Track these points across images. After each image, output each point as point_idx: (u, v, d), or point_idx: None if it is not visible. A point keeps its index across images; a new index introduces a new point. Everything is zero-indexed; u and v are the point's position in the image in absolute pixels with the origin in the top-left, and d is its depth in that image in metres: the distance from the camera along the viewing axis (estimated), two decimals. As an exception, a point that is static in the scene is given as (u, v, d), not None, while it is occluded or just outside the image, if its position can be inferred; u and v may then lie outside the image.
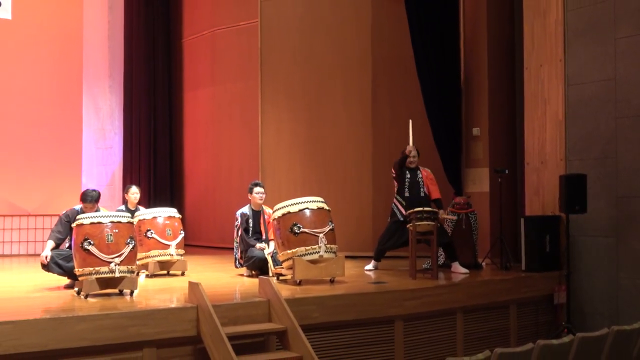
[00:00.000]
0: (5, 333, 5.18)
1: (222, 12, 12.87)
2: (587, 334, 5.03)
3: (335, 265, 7.40)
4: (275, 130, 11.00)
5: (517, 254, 8.48)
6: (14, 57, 12.74)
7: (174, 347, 5.78)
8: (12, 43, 12.71)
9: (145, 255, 8.25)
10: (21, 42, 12.78)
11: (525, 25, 8.76)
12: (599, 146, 7.98)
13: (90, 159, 13.03)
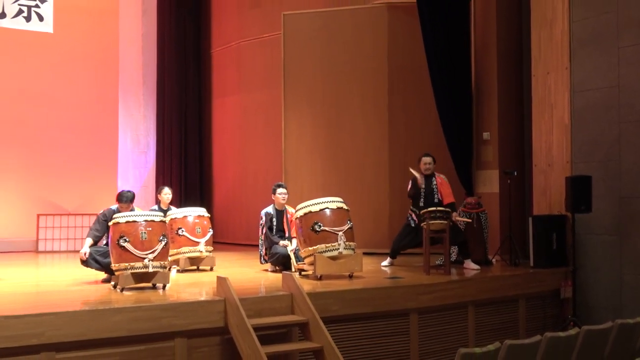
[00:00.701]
0: (48, 323, 5.23)
1: (247, 25, 12.90)
2: (592, 327, 4.99)
3: (353, 262, 7.39)
4: (297, 135, 11.00)
5: (525, 251, 8.43)
6: (56, 68, 12.87)
7: (203, 337, 5.80)
8: (53, 55, 12.84)
9: (177, 252, 8.28)
10: (62, 54, 12.90)
11: (533, 35, 8.71)
12: (603, 149, 7.91)
13: (125, 162, 13.11)
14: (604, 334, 5.04)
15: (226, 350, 5.84)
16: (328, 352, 5.74)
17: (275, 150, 11.55)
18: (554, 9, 8.40)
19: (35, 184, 12.54)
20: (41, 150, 12.63)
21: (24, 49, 12.61)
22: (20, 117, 12.54)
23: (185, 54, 13.77)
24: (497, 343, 4.44)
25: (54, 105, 12.81)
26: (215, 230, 9.86)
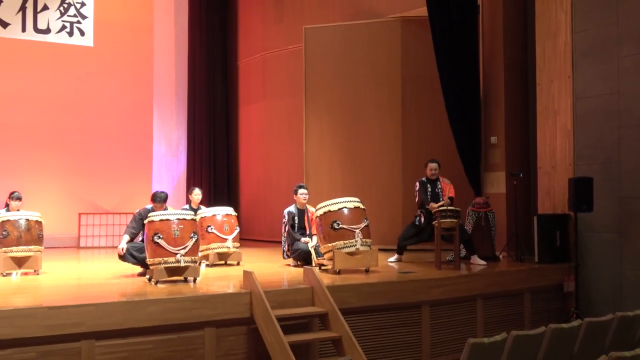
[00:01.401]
0: (89, 313, 5.28)
1: (271, 38, 12.94)
2: (594, 319, 4.94)
3: (369, 257, 7.38)
4: (317, 140, 11.01)
5: (530, 248, 8.36)
6: (96, 79, 12.98)
7: (230, 326, 5.82)
8: (93, 67, 12.96)
9: (206, 248, 8.32)
10: (101, 66, 13.01)
11: (537, 46, 8.65)
12: (604, 152, 7.84)
13: (159, 165, 13.20)
14: (605, 325, 4.99)
15: (251, 339, 5.86)
16: (346, 341, 5.73)
17: (296, 153, 11.57)
18: (557, 21, 8.36)
19: (78, 185, 12.67)
20: (83, 155, 12.75)
21: (67, 62, 12.75)
22: (63, 125, 12.67)
23: (213, 65, 13.84)
24: (504, 334, 4.41)
25: (94, 113, 12.93)
26: (242, 227, 9.88)
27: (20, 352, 5.03)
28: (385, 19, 10.61)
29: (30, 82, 12.40)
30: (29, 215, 7.80)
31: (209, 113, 13.72)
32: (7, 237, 7.55)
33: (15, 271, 7.58)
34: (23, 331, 5.03)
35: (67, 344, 5.17)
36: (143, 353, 5.44)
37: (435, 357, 6.67)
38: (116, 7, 13.11)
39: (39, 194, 11.66)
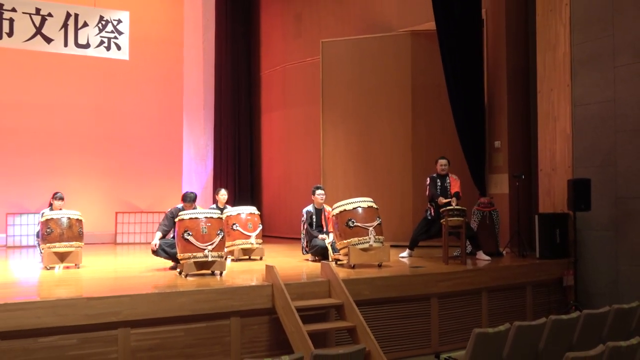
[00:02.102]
0: (125, 304, 5.32)
1: (291, 51, 12.97)
2: (591, 311, 4.89)
3: (382, 253, 7.36)
4: (334, 144, 11.01)
5: (532, 244, 8.30)
6: (131, 89, 13.09)
7: (254, 316, 5.84)
8: (129, 78, 13.07)
9: (232, 244, 8.34)
10: (136, 77, 13.12)
11: (538, 57, 8.59)
12: (601, 156, 7.77)
13: (188, 168, 13.27)
14: (602, 317, 4.94)
15: (273, 328, 5.87)
16: (360, 331, 5.72)
17: (314, 157, 11.58)
18: (556, 34, 8.30)
19: (115, 186, 12.78)
20: (119, 158, 12.87)
21: (105, 74, 12.87)
22: (102, 131, 12.79)
23: (238, 76, 13.89)
24: (507, 324, 4.38)
25: (130, 121, 13.04)
26: (264, 225, 9.91)
27: (62, 339, 5.09)
28: (396, 32, 10.59)
29: (72, 92, 12.55)
30: (71, 214, 7.87)
31: (234, 120, 13.77)
32: (51, 234, 7.63)
33: (58, 265, 7.64)
34: (65, 319, 5.09)
35: (105, 332, 5.23)
36: (174, 340, 5.48)
37: (443, 345, 6.63)
38: (150, 24, 13.21)
39: (79, 194, 11.78)
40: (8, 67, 12.07)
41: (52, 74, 12.41)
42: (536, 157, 8.73)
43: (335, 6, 11.98)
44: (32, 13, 12.09)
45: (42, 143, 12.23)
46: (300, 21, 12.78)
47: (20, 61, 12.15)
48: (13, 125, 12.04)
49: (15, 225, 11.81)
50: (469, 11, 8.86)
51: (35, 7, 12.11)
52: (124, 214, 12.73)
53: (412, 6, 10.38)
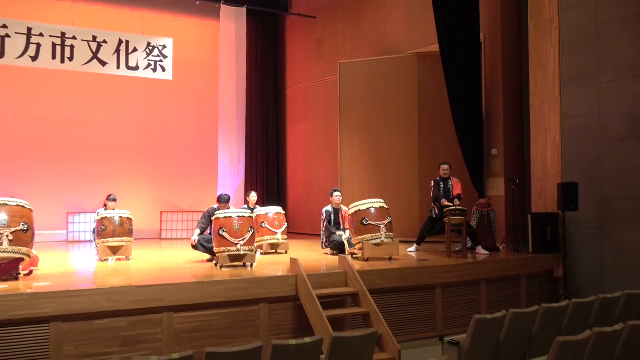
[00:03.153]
0: (169, 291, 5.37)
1: (312, 71, 13.00)
2: (579, 300, 4.84)
3: (392, 248, 7.34)
4: (350, 152, 11.01)
5: (525, 241, 8.20)
6: (174, 105, 13.20)
7: (280, 303, 5.85)
8: (172, 96, 13.18)
9: (261, 239, 8.35)
10: (178, 95, 13.24)
11: (531, 74, 8.51)
12: (587, 162, 7.66)
13: (223, 173, 13.34)
14: (589, 305, 4.86)
15: (296, 313, 5.87)
16: (373, 316, 5.71)
17: (332, 164, 11.59)
18: (547, 55, 8.22)
19: (160, 189, 12.87)
20: (164, 165, 12.97)
21: (152, 92, 12.99)
22: (149, 141, 12.90)
23: (266, 93, 13.96)
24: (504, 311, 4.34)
25: (172, 132, 13.15)
26: (289, 223, 9.93)
27: (115, 322, 5.14)
28: (405, 54, 10.56)
29: (123, 108, 12.68)
30: (122, 213, 7.95)
31: (263, 131, 13.83)
32: (105, 231, 7.71)
33: (111, 257, 7.72)
34: (117, 305, 5.14)
35: (151, 315, 5.27)
36: (211, 323, 5.51)
37: (447, 330, 6.57)
38: (190, 49, 13.33)
39: (129, 196, 11.89)
40: (70, 87, 12.24)
41: (107, 93, 12.56)
42: (529, 163, 8.64)
43: (351, 32, 12.00)
44: (89, 40, 12.29)
45: (98, 152, 12.37)
46: (321, 45, 12.81)
47: (80, 82, 12.32)
48: (74, 137, 12.20)
49: (75, 223, 11.93)
50: (469, 35, 8.81)
51: (93, 35, 12.31)
52: (168, 213, 12.82)
53: (419, 31, 10.34)
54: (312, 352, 3.65)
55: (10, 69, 11.68)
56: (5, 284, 5.39)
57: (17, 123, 11.75)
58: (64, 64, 12.04)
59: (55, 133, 12.04)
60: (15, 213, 5.79)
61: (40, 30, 11.84)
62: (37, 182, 11.50)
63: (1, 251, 5.60)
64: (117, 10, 12.64)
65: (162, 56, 12.99)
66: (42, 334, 4.88)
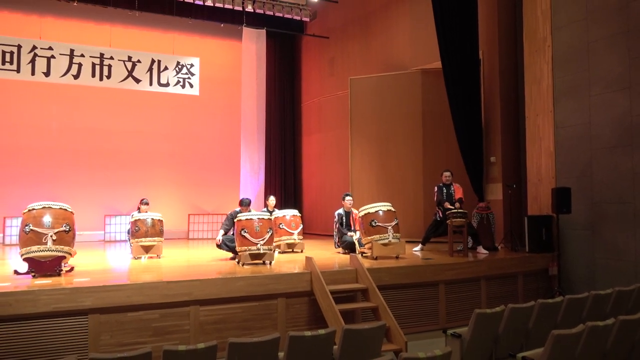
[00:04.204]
0: (196, 286, 5.38)
1: (325, 87, 13.02)
2: (573, 296, 4.76)
3: (399, 247, 7.29)
4: (360, 160, 10.98)
5: (522, 241, 8.10)
6: (200, 117, 13.30)
7: (296, 297, 5.84)
8: (199, 110, 13.28)
9: (279, 239, 8.36)
10: (204, 108, 13.33)
11: (526, 88, 8.43)
12: (579, 168, 7.56)
13: (245, 179, 13.39)
14: (582, 301, 4.79)
15: (311, 307, 5.85)
16: (381, 310, 5.67)
17: (344, 171, 11.57)
18: (541, 70, 8.14)
19: (188, 193, 12.95)
20: (191, 172, 13.05)
21: (180, 106, 13.10)
22: (178, 150, 13.00)
23: (284, 106, 14.00)
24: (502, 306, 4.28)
25: (199, 142, 13.24)
26: (304, 224, 9.92)
27: (147, 314, 5.17)
28: (410, 70, 10.53)
29: (154, 121, 12.80)
30: (154, 215, 7.99)
31: (280, 141, 13.87)
32: (138, 231, 7.76)
33: (144, 256, 7.76)
34: (149, 298, 5.16)
35: (180, 308, 5.29)
36: (234, 316, 5.51)
37: (449, 323, 6.51)
38: (215, 67, 13.42)
39: (160, 200, 11.99)
40: (108, 102, 12.39)
41: (140, 107, 12.69)
42: (525, 170, 8.54)
43: (361, 51, 12.00)
44: (125, 60, 12.45)
45: (132, 160, 12.49)
46: (333, 63, 12.83)
47: (117, 98, 12.47)
48: (111, 146, 12.33)
49: (111, 224, 12.02)
50: (469, 52, 8.75)
51: (128, 55, 12.47)
52: (195, 215, 12.89)
53: (422, 49, 10.31)
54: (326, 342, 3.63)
55: (55, 87, 11.86)
56: (49, 280, 5.45)
57: (61, 134, 11.91)
58: (102, 81, 12.20)
59: (93, 143, 12.18)
60: (58, 215, 5.86)
61: (82, 51, 12.02)
62: (78, 187, 11.64)
63: (46, 250, 5.67)
64: (150, 32, 12.78)
65: (190, 74, 13.10)
66: (81, 325, 4.92)
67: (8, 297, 4.70)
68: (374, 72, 11.25)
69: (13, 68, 11.47)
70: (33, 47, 11.63)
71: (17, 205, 9.60)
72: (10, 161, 11.42)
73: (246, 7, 12.42)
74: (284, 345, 3.53)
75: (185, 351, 3.15)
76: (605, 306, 4.94)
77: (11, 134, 11.50)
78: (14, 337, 4.70)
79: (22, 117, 11.61)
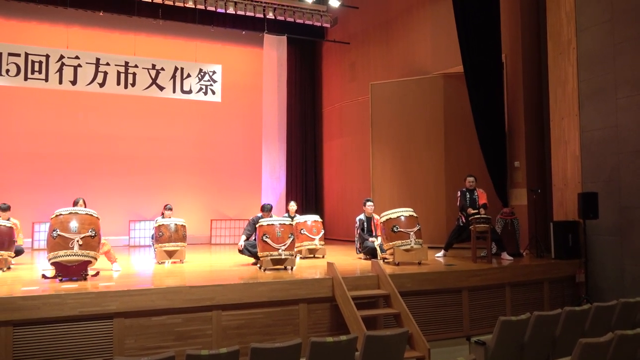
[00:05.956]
0: (218, 291, 5.41)
1: (346, 92, 13.02)
2: (601, 304, 4.64)
3: (421, 253, 7.22)
4: (381, 165, 10.94)
5: (547, 247, 7.95)
6: (222, 123, 13.42)
7: (318, 303, 5.82)
8: (221, 116, 13.41)
9: (300, 245, 8.37)
10: (226, 114, 13.45)
11: (550, 91, 8.29)
12: (606, 173, 7.39)
13: (266, 184, 13.46)
14: (611, 309, 4.66)
15: (333, 313, 5.83)
16: (404, 316, 5.62)
17: (365, 176, 11.54)
18: (565, 73, 8.00)
19: (210, 199, 13.05)
20: (213, 178, 13.16)
21: (203, 113, 13.25)
22: (200, 156, 13.14)
23: (305, 112, 14.04)
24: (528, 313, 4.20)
25: (221, 148, 13.36)
26: (326, 230, 9.91)
27: (171, 318, 5.21)
28: (431, 75, 10.47)
29: (177, 127, 12.97)
30: (177, 221, 8.06)
31: (301, 146, 13.90)
32: (162, 237, 7.84)
33: (167, 260, 7.83)
34: (173, 303, 5.21)
35: (202, 313, 5.32)
36: (255, 321, 5.52)
37: (473, 330, 6.41)
38: (237, 74, 13.55)
39: (183, 205, 12.11)
40: (132, 109, 12.60)
41: (164, 114, 12.87)
42: (550, 174, 8.39)
43: (382, 56, 11.98)
44: (149, 68, 12.66)
45: (156, 167, 12.66)
46: (354, 68, 12.84)
47: (141, 105, 12.67)
48: (135, 153, 12.53)
49: (136, 229, 12.17)
50: (491, 56, 8.66)
51: (152, 63, 12.68)
52: (217, 221, 12.97)
53: (444, 53, 10.24)
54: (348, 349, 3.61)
55: (81, 95, 12.13)
56: (75, 284, 5.55)
57: (87, 142, 12.16)
58: (127, 89, 12.43)
59: (118, 150, 12.39)
60: (84, 221, 5.98)
61: (107, 60, 12.27)
62: (103, 193, 11.83)
63: (72, 254, 5.78)
64: (173, 40, 12.98)
65: (212, 81, 13.25)
66: (107, 329, 4.99)
67: (36, 301, 4.80)
68: (394, 77, 11.21)
69: (42, 77, 11.78)
70: (60, 56, 11.93)
71: (45, 211, 9.83)
72: (40, 168, 11.70)
73: (267, 14, 12.52)
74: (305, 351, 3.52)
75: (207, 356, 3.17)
76: (635, 314, 4.81)
77: (40, 142, 11.78)
78: (41, 339, 4.79)
79: (51, 125, 11.90)
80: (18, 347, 4.71)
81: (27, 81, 11.65)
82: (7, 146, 11.54)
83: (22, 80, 11.63)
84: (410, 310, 5.69)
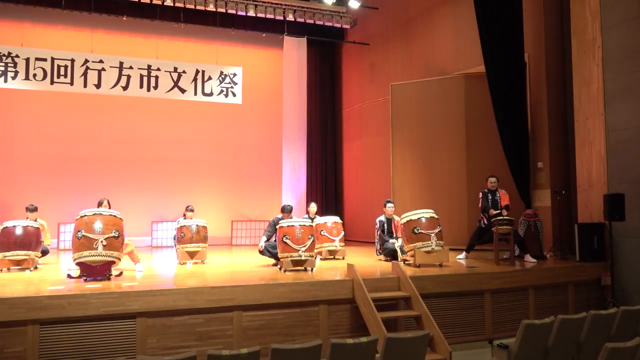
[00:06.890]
0: (239, 292, 5.44)
1: (366, 93, 12.99)
2: (628, 308, 4.53)
3: (442, 255, 7.16)
4: (401, 166, 10.88)
5: (572, 249, 7.79)
6: (243, 125, 13.51)
7: (338, 304, 5.80)
8: (242, 118, 13.51)
9: (320, 246, 8.36)
10: (247, 116, 13.54)
11: (575, 91, 8.13)
12: (632, 173, 7.21)
13: (287, 186, 13.49)
14: (638, 313, 4.54)
15: (353, 314, 5.81)
16: (425, 319, 5.57)
17: (385, 177, 11.48)
18: (590, 72, 7.83)
19: (231, 200, 13.15)
20: (234, 179, 13.26)
21: (224, 115, 13.37)
22: (221, 158, 13.25)
23: (325, 113, 14.06)
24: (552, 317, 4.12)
25: (242, 149, 13.45)
26: (346, 231, 9.89)
27: (192, 318, 5.26)
28: (452, 75, 10.37)
29: (199, 130, 13.10)
30: (198, 222, 8.14)
31: (322, 148, 13.91)
32: (184, 238, 7.93)
33: (189, 261, 7.90)
34: (194, 303, 5.25)
35: (223, 313, 5.35)
36: (276, 321, 5.54)
37: (496, 333, 6.31)
38: (258, 76, 13.64)
39: (205, 207, 12.21)
40: (155, 112, 12.79)
41: (186, 116, 13.02)
42: (574, 175, 8.23)
43: (402, 56, 11.92)
44: (171, 71, 12.85)
45: (178, 169, 12.81)
46: (374, 69, 12.80)
47: (163, 107, 12.85)
48: (157, 155, 12.71)
49: (158, 230, 12.34)
50: (513, 56, 8.54)
51: (174, 66, 12.85)
52: (238, 222, 13.06)
53: (465, 53, 10.14)
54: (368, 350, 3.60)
55: (105, 98, 12.35)
56: (99, 284, 5.65)
57: (110, 144, 12.38)
58: (149, 92, 12.62)
59: (141, 152, 12.58)
60: (108, 222, 6.08)
61: (130, 63, 12.49)
62: (126, 195, 12.01)
63: (96, 255, 5.89)
64: (195, 44, 13.13)
65: (232, 83, 13.37)
66: (130, 328, 5.06)
67: (62, 300, 4.90)
68: (415, 78, 11.14)
69: (67, 81, 12.04)
70: (85, 60, 12.18)
71: (70, 212, 10.02)
72: (65, 170, 11.95)
73: (287, 17, 12.58)
74: (325, 352, 3.52)
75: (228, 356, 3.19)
76: (664, 319, 4.67)
77: (65, 144, 12.04)
78: (66, 337, 4.89)
79: (75, 128, 12.14)
80: (44, 345, 4.82)
81: (53, 85, 11.93)
82: (34, 149, 11.82)
83: (49, 85, 11.90)
84: (432, 312, 5.64)
